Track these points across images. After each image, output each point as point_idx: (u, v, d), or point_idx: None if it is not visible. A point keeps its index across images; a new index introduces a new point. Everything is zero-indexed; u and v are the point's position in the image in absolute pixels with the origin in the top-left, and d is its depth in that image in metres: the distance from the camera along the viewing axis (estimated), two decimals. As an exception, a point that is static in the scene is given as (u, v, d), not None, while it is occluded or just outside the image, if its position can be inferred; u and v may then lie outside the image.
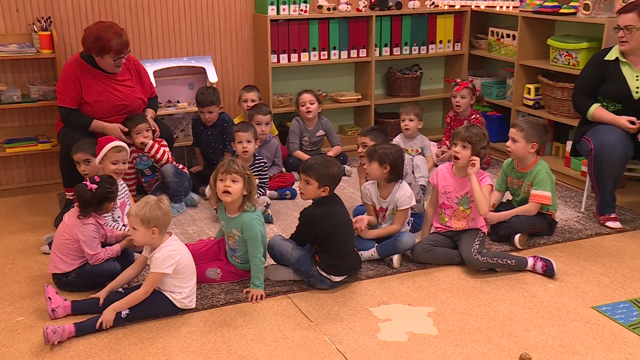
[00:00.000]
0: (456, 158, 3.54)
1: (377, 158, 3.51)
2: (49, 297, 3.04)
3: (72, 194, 4.16)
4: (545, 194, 3.72)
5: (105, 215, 3.42)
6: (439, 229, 3.66)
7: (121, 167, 3.67)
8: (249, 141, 4.17)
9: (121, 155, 3.68)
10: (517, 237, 3.69)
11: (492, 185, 3.55)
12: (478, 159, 3.49)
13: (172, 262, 2.96)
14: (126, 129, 4.12)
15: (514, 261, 3.44)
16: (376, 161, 3.51)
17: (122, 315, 2.96)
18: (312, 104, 4.89)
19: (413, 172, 4.15)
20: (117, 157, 3.66)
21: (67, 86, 4.06)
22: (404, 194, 3.53)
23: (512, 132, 3.79)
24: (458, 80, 5.08)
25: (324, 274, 3.26)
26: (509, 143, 3.81)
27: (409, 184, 3.64)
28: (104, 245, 3.31)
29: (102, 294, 3.06)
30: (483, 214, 3.51)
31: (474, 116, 5.01)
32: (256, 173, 4.08)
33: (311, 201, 3.33)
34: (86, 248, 3.20)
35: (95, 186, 3.24)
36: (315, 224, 3.23)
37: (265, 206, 4.14)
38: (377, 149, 3.54)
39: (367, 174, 3.61)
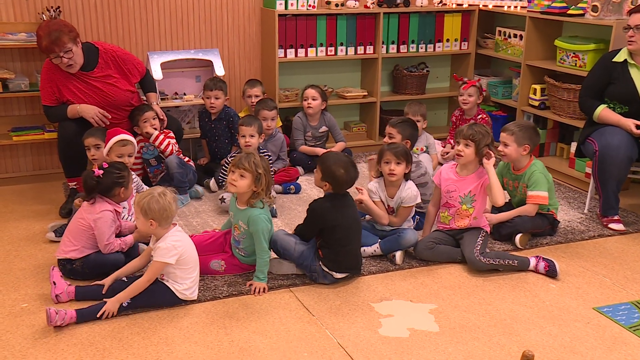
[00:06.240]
0: (459, 156, 3.55)
1: (406, 159, 3.53)
2: (54, 282, 3.06)
3: (75, 183, 4.18)
4: (541, 194, 3.72)
5: (122, 203, 3.40)
6: (441, 227, 3.67)
7: (126, 161, 3.66)
8: (252, 135, 4.18)
9: (126, 149, 3.69)
10: (517, 237, 3.69)
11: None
12: (491, 152, 3.52)
13: (175, 252, 2.97)
14: (104, 112, 4.03)
15: (516, 262, 3.44)
16: (404, 162, 3.53)
17: (123, 304, 2.98)
18: (314, 100, 4.90)
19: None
20: (121, 150, 3.68)
21: (44, 84, 4.05)
22: (410, 193, 3.55)
23: (503, 136, 3.79)
24: (465, 79, 5.08)
25: (326, 270, 3.27)
26: (500, 147, 3.80)
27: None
28: (117, 236, 3.32)
29: (107, 281, 3.09)
30: (500, 204, 3.52)
31: (480, 116, 4.99)
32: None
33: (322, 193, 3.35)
34: (100, 236, 3.21)
35: (101, 172, 3.23)
36: (321, 217, 3.24)
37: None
38: (405, 150, 3.56)
39: (395, 175, 3.52)
